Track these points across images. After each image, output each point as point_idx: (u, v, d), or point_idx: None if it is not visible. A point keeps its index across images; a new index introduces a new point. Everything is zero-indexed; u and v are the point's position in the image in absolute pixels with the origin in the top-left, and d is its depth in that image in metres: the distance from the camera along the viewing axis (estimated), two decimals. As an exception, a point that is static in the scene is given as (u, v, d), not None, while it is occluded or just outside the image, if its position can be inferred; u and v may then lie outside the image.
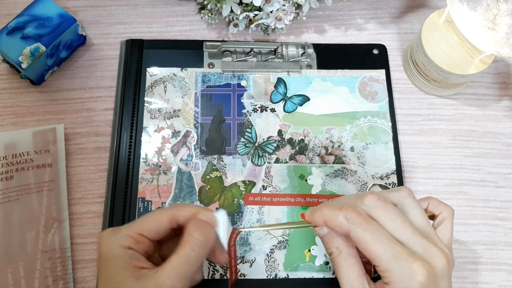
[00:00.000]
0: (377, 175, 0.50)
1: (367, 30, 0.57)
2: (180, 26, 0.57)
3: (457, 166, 0.52)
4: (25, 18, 0.50)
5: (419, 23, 0.58)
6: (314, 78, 0.54)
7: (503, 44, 0.47)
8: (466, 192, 0.51)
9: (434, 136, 0.53)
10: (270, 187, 0.49)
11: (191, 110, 0.52)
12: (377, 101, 0.53)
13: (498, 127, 0.53)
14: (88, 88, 0.53)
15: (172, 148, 0.50)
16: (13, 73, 0.53)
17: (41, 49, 0.49)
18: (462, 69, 0.49)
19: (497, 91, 0.55)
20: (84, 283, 0.46)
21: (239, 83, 0.53)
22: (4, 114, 0.52)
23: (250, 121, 0.52)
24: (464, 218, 0.50)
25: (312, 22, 0.57)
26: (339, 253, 0.37)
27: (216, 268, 0.46)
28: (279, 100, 0.53)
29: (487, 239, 0.49)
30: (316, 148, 0.51)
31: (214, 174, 0.49)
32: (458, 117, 0.54)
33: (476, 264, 0.48)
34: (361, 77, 0.54)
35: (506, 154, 0.52)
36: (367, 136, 0.52)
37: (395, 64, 0.56)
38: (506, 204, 0.50)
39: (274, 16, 0.53)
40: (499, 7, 0.48)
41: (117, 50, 0.55)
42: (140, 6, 0.57)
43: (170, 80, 0.53)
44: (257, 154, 0.50)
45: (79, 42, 0.54)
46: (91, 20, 0.56)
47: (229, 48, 0.55)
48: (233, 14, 0.53)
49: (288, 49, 0.55)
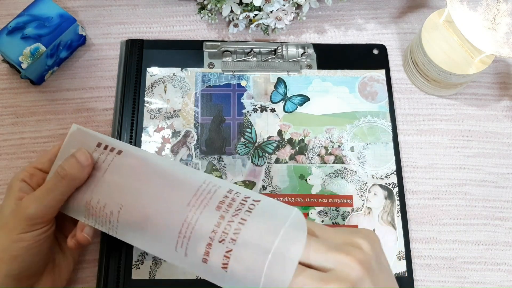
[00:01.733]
0: (377, 175, 0.50)
1: (367, 30, 0.57)
2: (180, 26, 0.57)
3: (457, 166, 0.52)
4: (25, 18, 0.50)
5: (419, 23, 0.58)
6: (314, 78, 0.54)
7: (503, 44, 0.47)
8: (466, 192, 0.51)
9: (434, 136, 0.53)
10: (270, 187, 0.49)
11: (191, 110, 0.52)
12: (377, 101, 0.53)
13: (498, 127, 0.53)
14: (88, 88, 0.53)
15: (172, 148, 0.50)
16: (13, 73, 0.53)
17: (41, 49, 0.49)
18: (462, 69, 0.49)
19: (497, 91, 0.55)
20: (84, 283, 0.46)
21: (239, 83, 0.53)
22: (4, 114, 0.52)
23: (250, 121, 0.52)
24: (464, 218, 0.50)
25: (312, 22, 0.57)
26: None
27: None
28: (279, 100, 0.53)
29: (487, 239, 0.49)
30: (316, 148, 0.51)
31: (214, 174, 0.49)
32: (458, 117, 0.54)
33: (476, 264, 0.48)
34: (361, 77, 0.54)
35: (506, 154, 0.52)
36: (367, 136, 0.52)
37: (395, 64, 0.56)
38: (506, 204, 0.50)
39: (274, 16, 0.53)
40: (499, 7, 0.48)
41: (117, 50, 0.55)
42: (140, 6, 0.57)
43: (170, 80, 0.53)
44: (257, 154, 0.50)
45: (79, 42, 0.54)
46: (91, 20, 0.56)
47: (229, 48, 0.55)
48: (233, 14, 0.53)
49: (288, 49, 0.55)
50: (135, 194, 0.38)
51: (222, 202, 0.34)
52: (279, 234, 0.31)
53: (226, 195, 0.35)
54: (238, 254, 0.32)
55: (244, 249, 0.32)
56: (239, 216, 0.33)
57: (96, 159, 0.40)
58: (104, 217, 0.38)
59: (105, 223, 0.38)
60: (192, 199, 0.35)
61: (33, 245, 0.38)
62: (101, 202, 0.38)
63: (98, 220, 0.39)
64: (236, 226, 0.33)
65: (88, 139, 0.41)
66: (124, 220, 0.37)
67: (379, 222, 0.48)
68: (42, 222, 0.38)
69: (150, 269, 0.45)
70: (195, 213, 0.34)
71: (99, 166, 0.40)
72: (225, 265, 0.32)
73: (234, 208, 0.34)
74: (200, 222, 0.34)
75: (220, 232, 0.33)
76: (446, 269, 0.48)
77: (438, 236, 0.49)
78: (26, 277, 0.39)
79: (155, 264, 0.46)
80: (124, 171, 0.39)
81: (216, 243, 0.33)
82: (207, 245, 0.33)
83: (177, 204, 0.35)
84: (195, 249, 0.33)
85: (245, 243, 0.32)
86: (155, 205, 0.37)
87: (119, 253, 0.46)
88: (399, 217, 0.49)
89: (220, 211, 0.34)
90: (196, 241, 0.33)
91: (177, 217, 0.35)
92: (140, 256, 0.46)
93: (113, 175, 0.39)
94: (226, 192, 0.35)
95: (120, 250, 0.46)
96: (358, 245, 0.33)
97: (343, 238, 0.34)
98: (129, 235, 0.38)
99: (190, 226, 0.34)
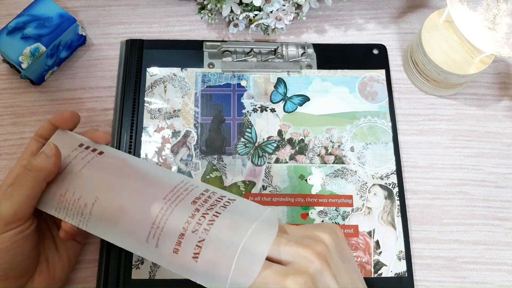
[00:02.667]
0: (377, 175, 0.50)
1: (367, 30, 0.57)
2: (180, 26, 0.57)
3: (457, 166, 0.52)
4: (25, 18, 0.50)
5: (419, 23, 0.58)
6: (314, 78, 0.54)
7: (503, 44, 0.47)
8: (466, 192, 0.51)
9: (434, 136, 0.53)
10: (270, 187, 0.49)
11: (191, 110, 0.52)
12: (377, 101, 0.53)
13: (498, 127, 0.53)
14: (88, 88, 0.53)
15: (172, 148, 0.50)
16: (13, 73, 0.53)
17: (41, 49, 0.49)
18: (462, 69, 0.49)
19: (497, 91, 0.55)
20: (84, 283, 0.46)
21: (239, 83, 0.53)
22: (4, 114, 0.52)
23: (250, 121, 0.52)
24: (464, 218, 0.50)
25: (312, 22, 0.57)
26: None
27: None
28: (279, 100, 0.53)
29: (487, 239, 0.49)
30: (316, 148, 0.51)
31: (214, 174, 0.49)
32: (458, 117, 0.54)
33: (476, 264, 0.48)
34: (361, 77, 0.54)
35: (506, 154, 0.52)
36: (367, 136, 0.52)
37: (395, 64, 0.56)
38: (506, 204, 0.50)
39: (274, 16, 0.53)
40: (499, 7, 0.48)
41: (117, 50, 0.55)
42: (140, 6, 0.57)
43: (170, 80, 0.53)
44: (257, 154, 0.50)
45: (79, 42, 0.54)
46: (91, 20, 0.56)
47: (229, 48, 0.55)
48: (233, 14, 0.53)
49: (288, 49, 0.55)
50: (111, 188, 0.38)
51: (198, 198, 0.36)
52: (249, 229, 0.32)
53: (202, 193, 0.36)
54: (210, 245, 0.33)
55: (216, 241, 0.33)
56: (213, 210, 0.34)
57: (74, 156, 0.40)
58: (76, 209, 0.38)
59: (77, 216, 0.38)
60: (169, 194, 0.36)
61: (11, 246, 0.37)
62: (76, 194, 0.38)
63: (69, 213, 0.39)
64: (210, 218, 0.34)
65: (71, 140, 0.42)
66: (98, 212, 0.38)
67: (379, 222, 0.48)
68: (16, 221, 0.37)
69: (150, 269, 0.45)
70: (170, 205, 0.35)
71: (77, 162, 0.40)
72: (196, 255, 0.33)
73: (209, 203, 0.35)
74: (174, 213, 0.35)
75: (194, 223, 0.34)
76: (446, 269, 0.48)
77: (438, 236, 0.49)
78: (14, 277, 0.38)
79: (155, 264, 0.46)
80: (103, 168, 0.40)
81: (189, 233, 0.33)
82: (179, 235, 0.33)
83: (153, 198, 0.36)
84: (167, 239, 0.34)
85: (217, 235, 0.33)
86: (130, 198, 0.37)
87: (119, 253, 0.46)
88: (399, 217, 0.49)
89: (195, 205, 0.35)
90: (169, 231, 0.34)
91: (152, 209, 0.35)
92: (140, 256, 0.46)
93: (91, 171, 0.40)
94: (202, 191, 0.37)
95: (120, 250, 0.46)
96: (319, 238, 0.33)
97: (305, 232, 0.34)
98: (99, 228, 0.38)
99: (164, 217, 0.35)
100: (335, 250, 0.33)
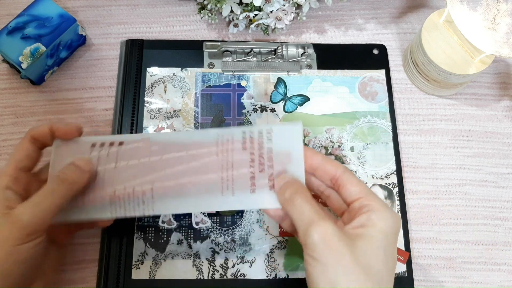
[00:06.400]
0: (377, 175, 0.50)
1: (367, 30, 0.57)
2: (180, 26, 0.57)
3: (457, 166, 0.52)
4: (25, 18, 0.50)
5: (419, 23, 0.58)
6: (314, 78, 0.54)
7: (503, 44, 0.47)
8: (466, 192, 0.51)
9: (434, 136, 0.53)
10: (270, 187, 0.49)
11: (191, 110, 0.52)
12: (377, 101, 0.53)
13: (498, 127, 0.53)
14: (88, 88, 0.53)
15: (172, 148, 0.50)
16: (13, 73, 0.53)
17: (41, 49, 0.49)
18: (462, 69, 0.50)
19: (497, 91, 0.55)
20: (84, 283, 0.46)
21: (239, 83, 0.53)
22: (4, 114, 0.52)
23: (250, 121, 0.52)
24: (464, 218, 0.50)
25: (312, 22, 0.57)
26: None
27: (216, 268, 0.46)
28: (279, 100, 0.53)
29: (487, 239, 0.49)
30: (316, 148, 0.51)
31: (214, 174, 0.49)
32: (458, 117, 0.54)
33: (476, 264, 0.48)
34: (361, 77, 0.54)
35: (506, 154, 0.52)
36: (367, 136, 0.52)
37: (395, 64, 0.56)
38: (506, 204, 0.50)
39: (274, 16, 0.53)
40: (499, 7, 0.48)
41: (117, 50, 0.55)
42: (140, 6, 0.57)
43: (170, 80, 0.53)
44: (257, 154, 0.50)
45: (79, 42, 0.54)
46: (91, 20, 0.56)
47: (229, 48, 0.55)
48: (233, 14, 0.53)
49: (288, 49, 0.55)
50: (160, 167, 0.39)
51: (244, 142, 0.39)
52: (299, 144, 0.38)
53: (243, 136, 0.39)
54: (278, 173, 0.38)
55: (279, 167, 0.38)
56: (265, 147, 0.38)
57: (97, 158, 0.40)
58: (136, 201, 0.39)
59: (138, 206, 0.39)
60: (218, 150, 0.39)
61: (28, 258, 0.35)
62: (128, 188, 0.39)
63: (128, 208, 0.39)
64: (267, 155, 0.38)
65: (80, 145, 0.41)
66: (160, 193, 0.38)
67: (379, 222, 0.48)
68: (38, 231, 0.35)
69: (150, 269, 0.45)
70: (227, 158, 0.38)
71: (106, 161, 0.40)
72: (272, 186, 0.38)
73: (256, 142, 0.39)
74: (235, 163, 0.38)
75: (257, 163, 0.38)
76: (446, 269, 0.48)
77: (438, 236, 0.49)
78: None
79: (155, 264, 0.46)
80: (136, 154, 0.40)
81: (257, 173, 0.38)
82: (251, 178, 0.38)
83: (206, 157, 0.39)
84: (241, 185, 0.38)
85: (277, 162, 0.38)
86: (185, 166, 0.39)
87: (119, 253, 0.46)
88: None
89: (247, 150, 0.39)
90: (240, 179, 0.38)
91: (212, 167, 0.38)
92: (140, 256, 0.46)
93: (128, 161, 0.40)
94: (242, 134, 0.39)
95: (120, 250, 0.46)
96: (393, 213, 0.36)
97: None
98: (169, 206, 0.39)
99: (229, 170, 0.38)
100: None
